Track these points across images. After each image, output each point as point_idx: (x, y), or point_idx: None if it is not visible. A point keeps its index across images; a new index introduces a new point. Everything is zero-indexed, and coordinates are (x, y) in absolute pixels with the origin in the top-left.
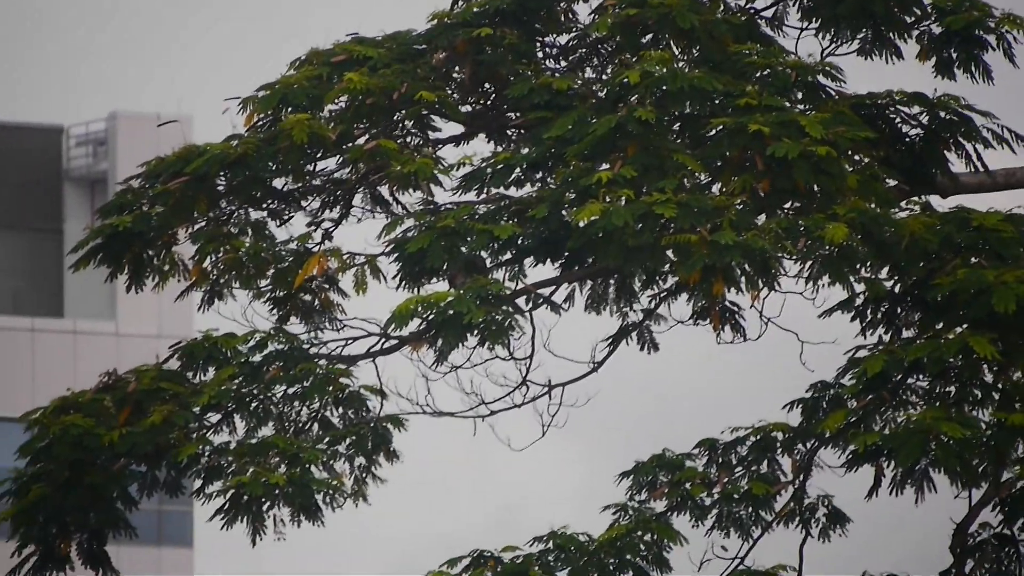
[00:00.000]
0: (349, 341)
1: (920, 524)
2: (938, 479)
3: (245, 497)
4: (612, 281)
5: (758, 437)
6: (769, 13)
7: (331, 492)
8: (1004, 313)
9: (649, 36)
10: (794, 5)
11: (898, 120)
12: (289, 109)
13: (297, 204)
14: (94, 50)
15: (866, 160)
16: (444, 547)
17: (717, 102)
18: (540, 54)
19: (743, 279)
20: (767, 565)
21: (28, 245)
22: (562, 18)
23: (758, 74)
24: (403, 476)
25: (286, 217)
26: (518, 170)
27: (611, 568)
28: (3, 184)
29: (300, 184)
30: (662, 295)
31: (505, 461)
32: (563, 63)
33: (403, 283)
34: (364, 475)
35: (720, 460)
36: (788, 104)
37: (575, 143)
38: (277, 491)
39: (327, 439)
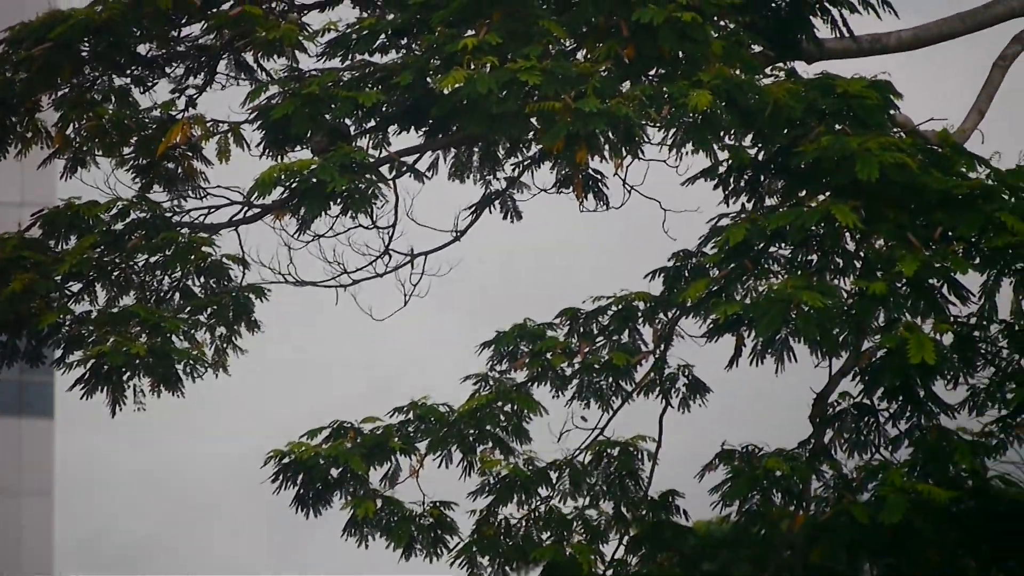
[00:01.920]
0: (212, 210)
1: (780, 394)
2: (799, 349)
3: (106, 367)
4: (476, 149)
5: (620, 307)
6: None
7: (192, 362)
8: (867, 181)
9: None
10: None
11: None
12: None
13: (161, 71)
14: None
15: (731, 26)
16: (317, 421)
17: None
18: None
19: (607, 147)
20: (627, 436)
21: None
22: None
23: None
24: (274, 350)
25: (150, 84)
26: (383, 36)
27: (471, 439)
28: None
29: (164, 50)
30: (526, 163)
31: (373, 333)
32: None
33: (267, 151)
34: (225, 345)
35: (581, 330)
36: None
37: (441, 9)
38: (138, 361)
39: (188, 309)
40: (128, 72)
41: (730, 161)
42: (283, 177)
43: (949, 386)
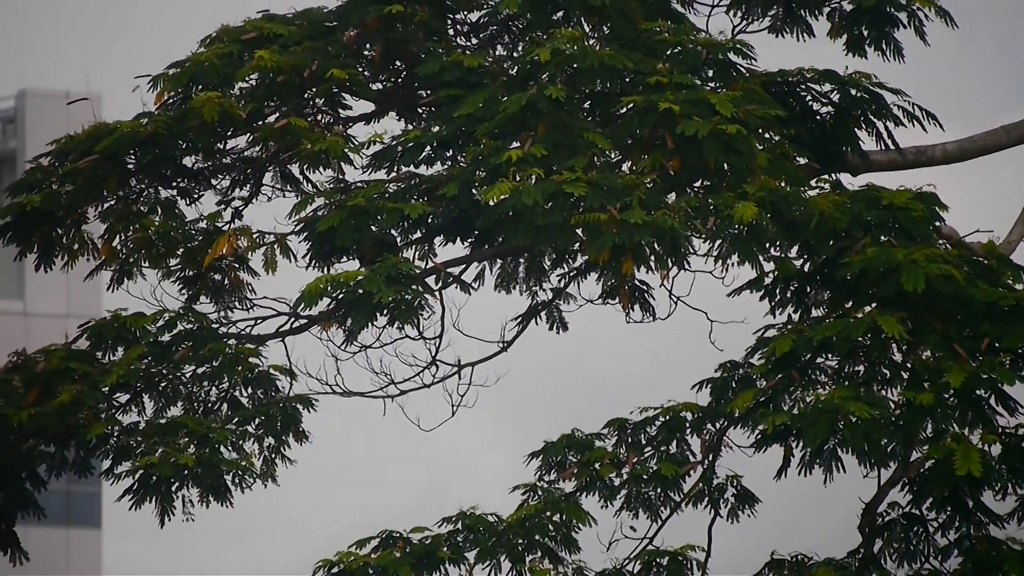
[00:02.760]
0: (258, 321)
1: (829, 504)
2: (847, 459)
3: (154, 478)
4: (522, 260)
5: (667, 417)
6: None
7: (240, 473)
8: (913, 292)
9: (560, 13)
10: None
11: (809, 98)
12: (199, 87)
13: (207, 183)
14: (2, 26)
15: (776, 138)
16: (368, 529)
17: (627, 80)
18: (451, 31)
19: (652, 258)
20: (676, 546)
21: None
22: None
23: (668, 52)
24: (326, 459)
25: (196, 196)
26: (428, 148)
27: (520, 548)
28: None
29: (210, 162)
30: (572, 274)
31: (421, 444)
32: (474, 40)
33: (313, 262)
34: (273, 456)
35: (629, 440)
36: (698, 82)
37: (485, 121)
38: (186, 472)
39: (236, 419)
40: (174, 184)
41: (776, 272)
42: (329, 288)
43: (998, 496)
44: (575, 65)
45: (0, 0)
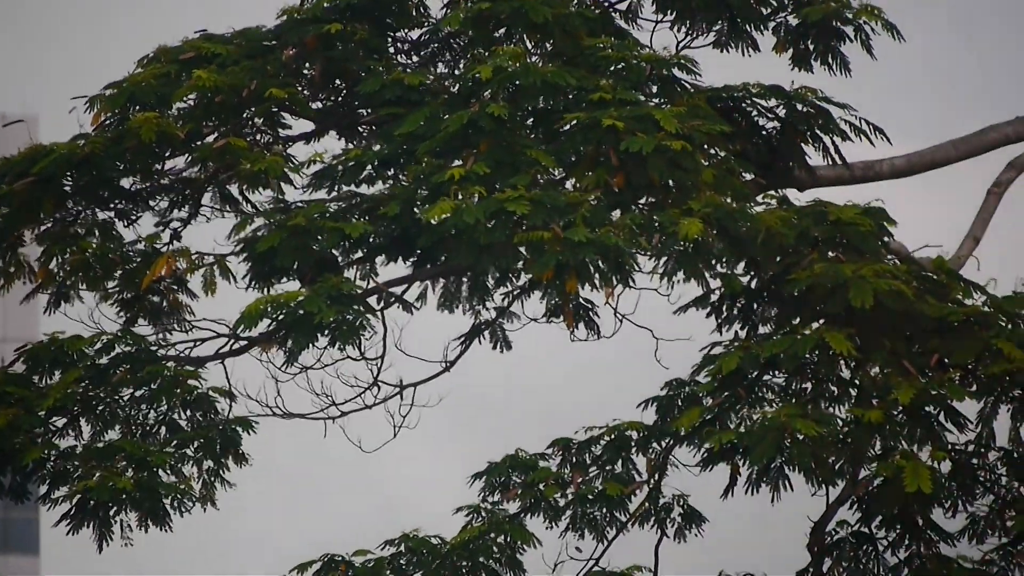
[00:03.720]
0: (198, 343)
1: (777, 523)
2: (795, 477)
3: (92, 502)
4: (465, 279)
5: (612, 436)
6: (623, 6)
7: (179, 496)
8: (861, 308)
9: (502, 31)
10: None
11: (755, 113)
12: (137, 108)
13: (145, 204)
14: None
15: (722, 154)
16: (305, 555)
17: (571, 97)
18: (391, 49)
19: (597, 276)
20: (622, 566)
21: None
22: (414, 12)
23: (612, 68)
24: (263, 483)
25: (134, 217)
26: (369, 167)
27: (464, 571)
28: None
29: (148, 184)
30: (515, 293)
31: (363, 465)
32: (415, 58)
33: (253, 283)
34: (213, 479)
35: (574, 460)
36: (643, 98)
37: (427, 140)
38: (124, 496)
39: (175, 442)
40: (112, 206)
41: (722, 289)
42: (270, 309)
43: (948, 514)
44: (517, 82)
45: None
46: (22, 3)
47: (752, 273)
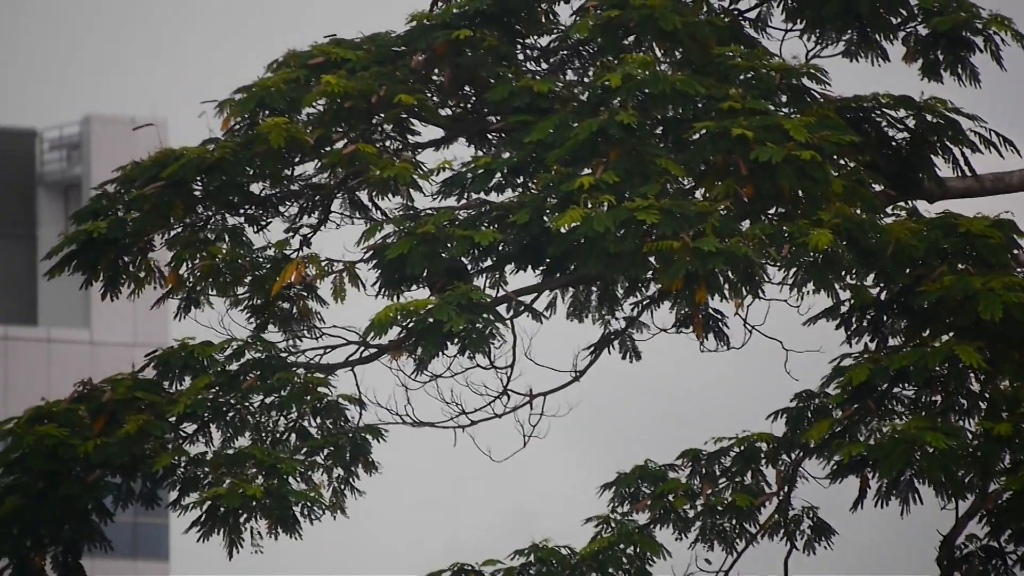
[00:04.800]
0: (328, 350)
1: (906, 536)
2: (924, 490)
3: (222, 509)
4: (594, 288)
5: (742, 447)
6: (753, 15)
7: (309, 504)
8: (991, 321)
9: (631, 38)
10: (778, 6)
11: (884, 123)
12: (266, 112)
13: (275, 210)
14: (68, 52)
15: (851, 164)
16: (435, 563)
17: (700, 105)
18: (520, 56)
19: (726, 286)
20: None
21: (1, 252)
22: (543, 19)
23: (742, 77)
24: (394, 491)
25: (264, 223)
26: (499, 175)
27: None
28: None
29: (278, 189)
30: (645, 302)
31: (492, 475)
32: (544, 65)
33: (382, 290)
34: (342, 487)
35: (704, 471)
36: (772, 107)
37: (556, 147)
38: (254, 503)
39: (305, 450)
40: (241, 211)
41: (852, 301)
42: (399, 317)
43: None
44: (647, 90)
45: (66, 26)
46: (153, 8)
47: (882, 285)
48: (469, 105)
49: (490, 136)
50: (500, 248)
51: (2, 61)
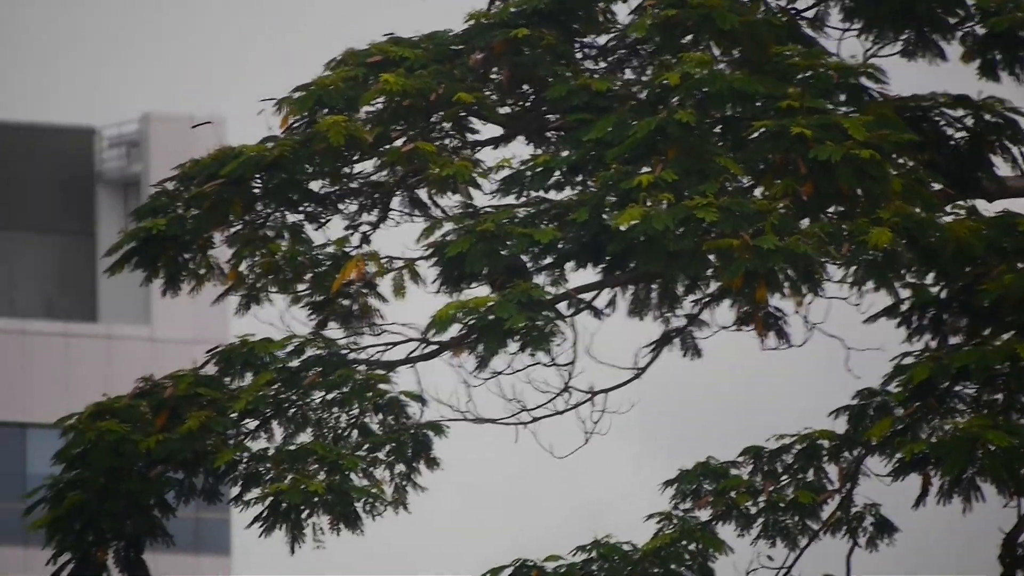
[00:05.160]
0: (388, 346)
1: (968, 534)
2: (986, 488)
3: (283, 505)
4: (654, 286)
5: (804, 445)
6: (811, 14)
7: (371, 500)
8: None
9: (689, 37)
10: (836, 6)
11: (943, 123)
12: (325, 110)
13: (334, 207)
14: (126, 50)
15: (910, 163)
16: (496, 560)
17: (758, 104)
18: (579, 55)
19: (787, 284)
20: (814, 575)
21: (61, 249)
22: (600, 18)
23: (800, 76)
24: (453, 487)
25: (323, 220)
26: (558, 173)
27: None
28: (35, 187)
29: (337, 187)
30: (705, 300)
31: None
32: (602, 64)
33: (443, 287)
34: (404, 483)
35: (765, 468)
36: (831, 106)
37: (615, 146)
38: (316, 499)
39: (366, 446)
40: (301, 208)
41: (912, 299)
42: (460, 314)
43: None
44: (705, 89)
45: (123, 24)
46: (213, 6)
47: (942, 283)
48: (527, 103)
49: (549, 134)
50: (560, 246)
51: (62, 59)
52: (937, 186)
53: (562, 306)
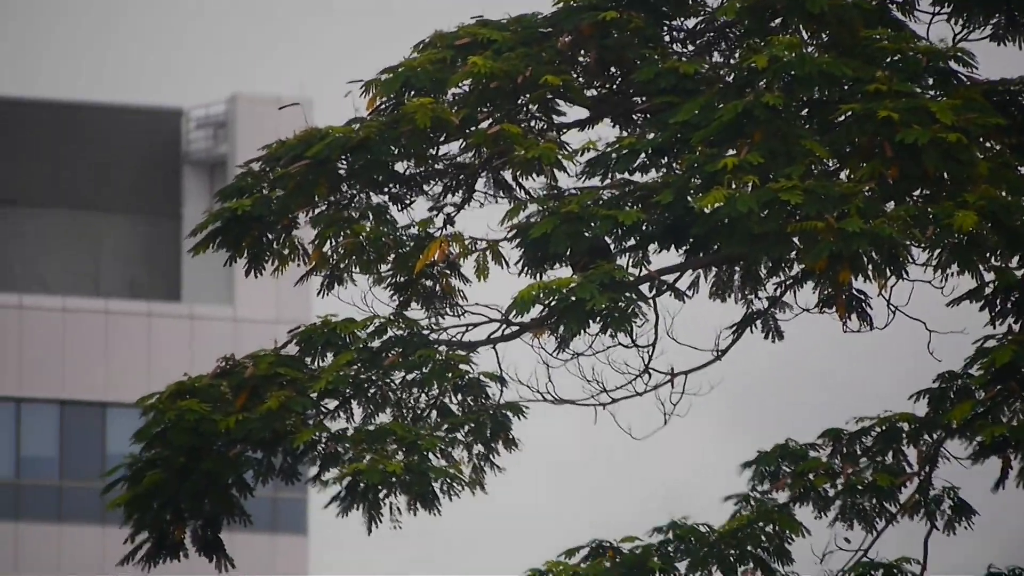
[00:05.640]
0: (470, 327)
1: None
2: None
3: (361, 485)
4: (737, 268)
5: (884, 427)
6: None
7: (449, 481)
8: None
9: (778, 20)
10: None
11: None
12: (412, 92)
13: (419, 188)
14: (214, 32)
15: (997, 147)
16: (574, 540)
17: (846, 88)
18: (667, 38)
19: (870, 267)
20: (891, 558)
21: (146, 229)
22: (689, 1)
23: (888, 59)
24: (532, 468)
25: (408, 202)
26: (643, 155)
27: (732, 559)
28: (122, 168)
29: (422, 168)
30: (788, 283)
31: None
32: (690, 47)
33: (525, 269)
34: (483, 463)
35: (844, 450)
36: (918, 90)
37: (701, 128)
38: (394, 479)
39: (445, 426)
40: (385, 190)
41: (996, 282)
42: (542, 295)
43: None
44: (793, 72)
45: (213, 5)
46: None
47: None
48: (614, 86)
49: (635, 117)
50: (643, 228)
51: (149, 40)
52: None
53: (644, 287)
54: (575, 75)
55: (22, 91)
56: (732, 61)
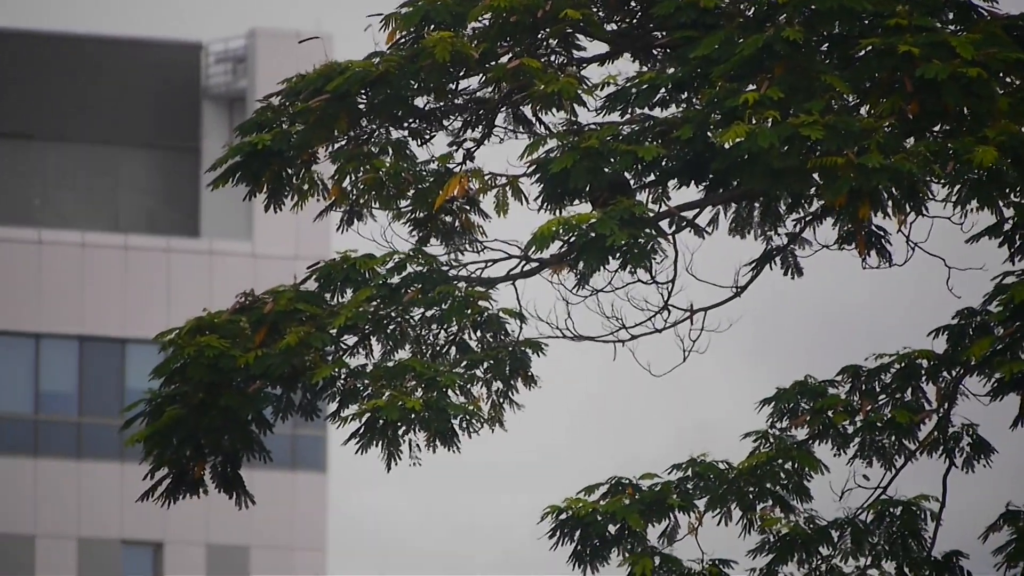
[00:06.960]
0: (489, 263)
1: None
2: None
3: (380, 421)
4: (757, 204)
5: (902, 364)
6: None
7: (468, 417)
8: None
9: None
10: None
11: None
12: (431, 27)
13: (439, 123)
14: None
15: (1018, 82)
16: (597, 477)
17: (866, 22)
18: None
19: (890, 203)
20: (910, 495)
21: (165, 164)
22: None
23: None
24: (550, 405)
25: (427, 137)
26: (663, 90)
27: (750, 496)
28: (141, 102)
29: (442, 103)
30: (807, 218)
31: (650, 389)
32: None
33: (545, 204)
34: (501, 400)
35: (863, 387)
36: (939, 25)
37: (721, 63)
38: (413, 416)
39: (464, 363)
40: (405, 125)
41: (1016, 218)
42: (561, 231)
43: None
44: (813, 6)
45: None
46: None
47: None
48: (634, 20)
49: (655, 51)
50: (663, 163)
51: None
52: None
53: (664, 223)
54: (595, 9)
55: (40, 24)
56: None
